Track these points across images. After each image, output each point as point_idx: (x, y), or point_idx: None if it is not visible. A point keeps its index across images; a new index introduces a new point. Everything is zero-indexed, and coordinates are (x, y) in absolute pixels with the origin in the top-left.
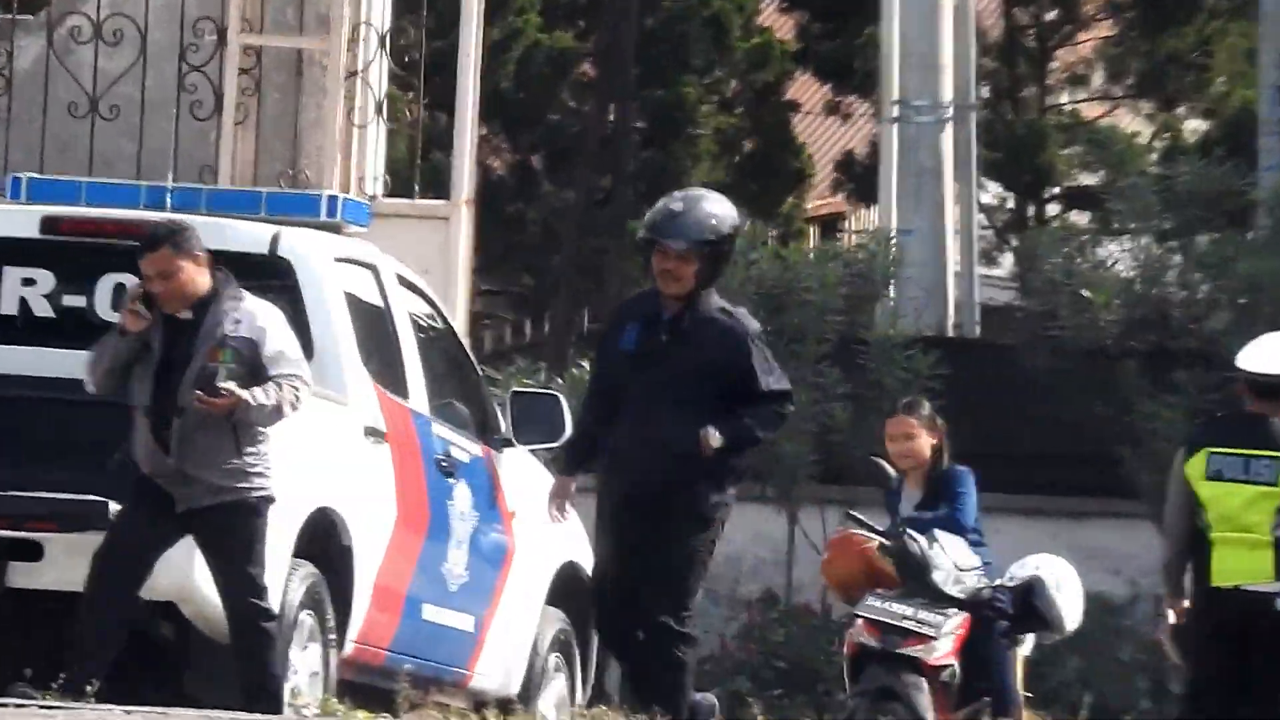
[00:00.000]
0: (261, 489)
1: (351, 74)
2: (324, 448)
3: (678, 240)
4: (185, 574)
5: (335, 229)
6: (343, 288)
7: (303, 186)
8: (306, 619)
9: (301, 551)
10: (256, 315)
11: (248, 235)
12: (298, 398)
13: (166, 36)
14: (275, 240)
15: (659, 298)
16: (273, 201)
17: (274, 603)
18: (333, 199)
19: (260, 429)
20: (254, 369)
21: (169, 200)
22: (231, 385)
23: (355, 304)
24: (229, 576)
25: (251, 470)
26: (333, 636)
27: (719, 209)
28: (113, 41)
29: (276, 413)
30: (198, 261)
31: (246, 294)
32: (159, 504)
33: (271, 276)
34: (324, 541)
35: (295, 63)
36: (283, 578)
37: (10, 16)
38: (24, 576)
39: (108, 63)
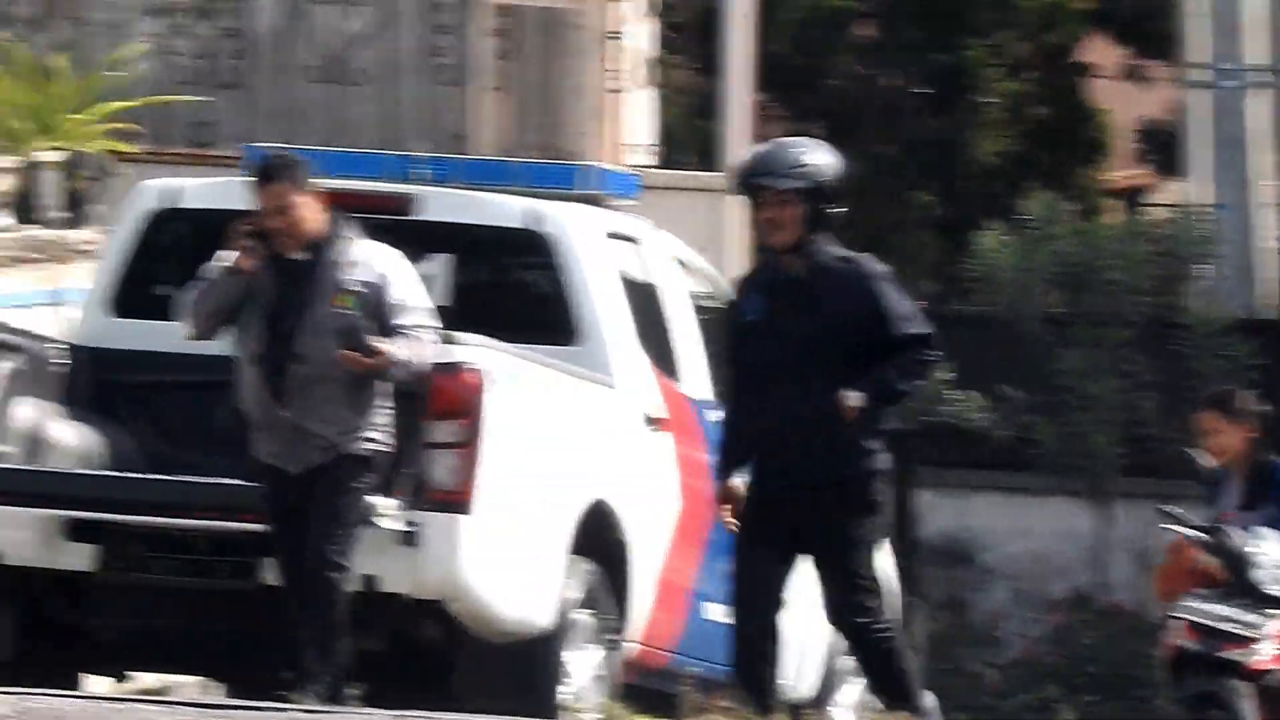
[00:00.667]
0: (373, 441)
1: (615, 35)
2: (601, 437)
3: (771, 179)
4: (452, 571)
5: (599, 202)
6: (609, 266)
7: (563, 157)
8: (585, 619)
9: (579, 547)
10: (378, 259)
11: (503, 209)
12: (430, 351)
13: None
14: (535, 214)
15: (777, 261)
16: (530, 172)
17: (549, 601)
18: (596, 170)
19: (380, 387)
20: (376, 317)
21: (417, 171)
22: (384, 344)
23: (624, 283)
24: (317, 527)
25: (369, 425)
26: (613, 637)
27: (814, 151)
28: (356, 1)
29: (413, 368)
30: (315, 198)
31: (363, 238)
32: (287, 486)
33: (529, 254)
34: (602, 536)
35: (553, 23)
36: (560, 575)
37: None
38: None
39: (350, 24)
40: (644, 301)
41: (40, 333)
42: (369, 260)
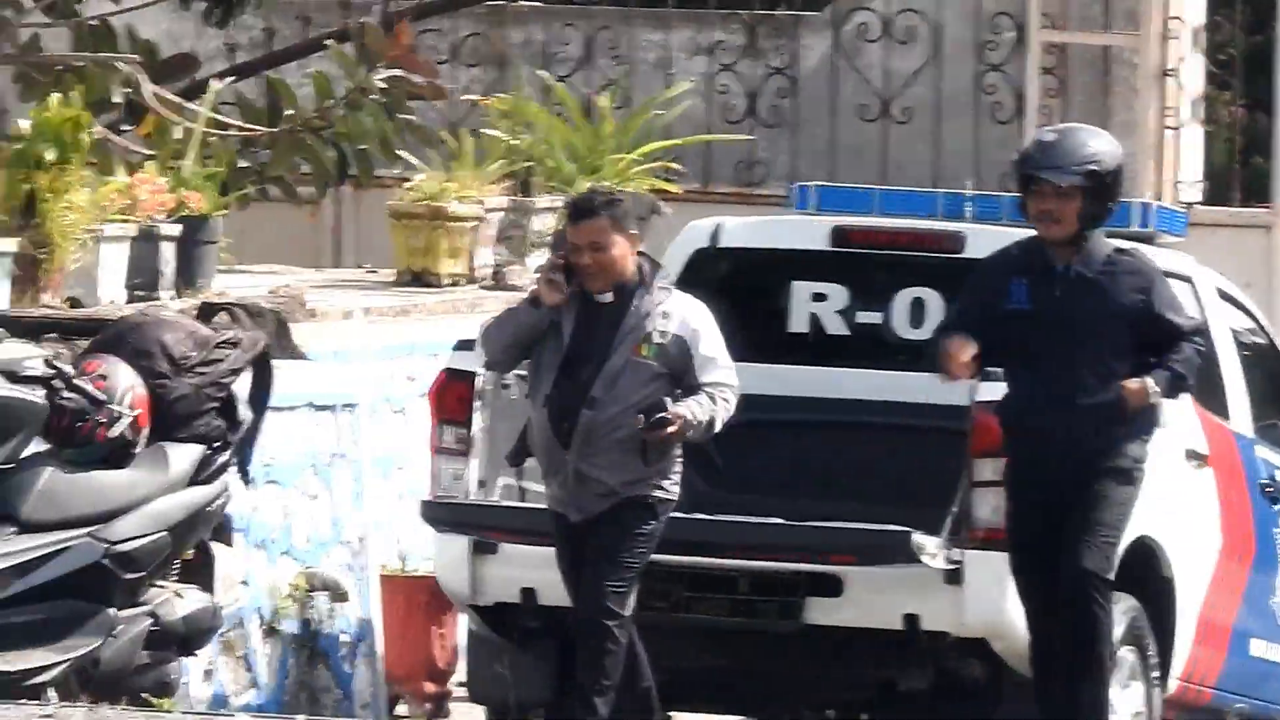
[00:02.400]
0: (662, 489)
1: (1164, 73)
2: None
3: (1055, 173)
4: (997, 609)
5: (1149, 239)
6: None
7: None
8: (1128, 655)
9: (1123, 584)
10: (689, 312)
11: None
12: (729, 412)
13: (961, 34)
14: None
15: (1044, 248)
16: None
17: None
18: (1145, 206)
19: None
20: (679, 372)
21: (968, 209)
22: (683, 410)
23: None
24: (595, 569)
25: (658, 475)
26: (1155, 674)
27: (1099, 142)
28: (904, 40)
29: (709, 429)
30: (632, 241)
31: (675, 289)
32: (571, 534)
33: None
34: (1144, 573)
35: (1102, 61)
36: None
37: (794, 14)
38: (823, 613)
39: (899, 62)
40: None
41: None
42: (679, 312)
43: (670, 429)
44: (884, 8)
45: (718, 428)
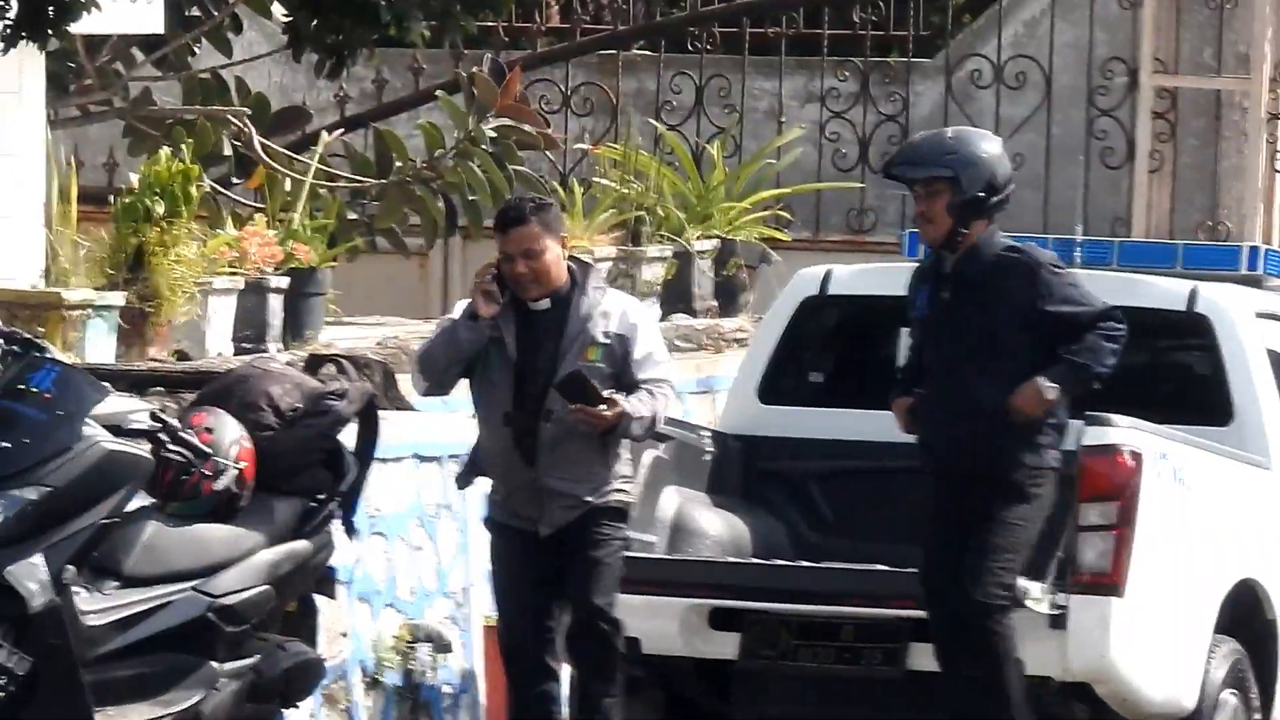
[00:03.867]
0: (622, 491)
1: (1274, 117)
2: (1248, 515)
3: (909, 168)
4: (1102, 654)
5: (1256, 283)
6: (1265, 346)
7: (1221, 237)
8: (1229, 698)
9: (1224, 627)
10: (628, 310)
11: (1162, 291)
12: (667, 409)
13: (1073, 79)
14: (1193, 296)
15: (941, 254)
16: (1189, 254)
17: (1195, 682)
18: (1254, 250)
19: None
20: (620, 370)
21: (1077, 254)
22: (618, 396)
23: (1276, 363)
24: (587, 582)
25: (617, 478)
26: (1258, 717)
27: (971, 140)
28: (1015, 85)
29: (651, 425)
30: (563, 244)
31: (609, 286)
32: (533, 549)
33: (1188, 334)
34: (1248, 616)
35: (1213, 105)
36: (1204, 654)
37: (906, 60)
38: (928, 659)
39: (1010, 108)
40: None
41: (690, 422)
42: (617, 310)
43: (607, 414)
44: (996, 54)
45: (659, 426)
